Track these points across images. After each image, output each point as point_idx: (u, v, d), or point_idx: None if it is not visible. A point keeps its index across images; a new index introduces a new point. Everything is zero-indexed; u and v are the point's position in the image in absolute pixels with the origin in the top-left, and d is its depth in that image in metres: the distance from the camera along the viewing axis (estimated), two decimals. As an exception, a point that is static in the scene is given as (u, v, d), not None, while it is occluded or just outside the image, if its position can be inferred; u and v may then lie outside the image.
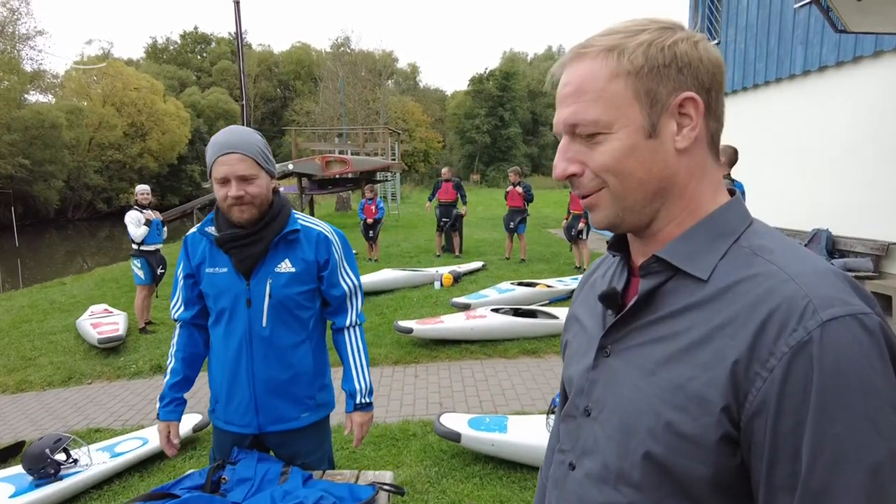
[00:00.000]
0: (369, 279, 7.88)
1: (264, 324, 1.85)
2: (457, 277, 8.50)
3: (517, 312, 6.20)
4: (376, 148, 19.70)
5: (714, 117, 0.73)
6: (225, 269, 1.86)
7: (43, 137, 27.42)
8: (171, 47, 56.71)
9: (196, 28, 58.26)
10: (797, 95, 8.17)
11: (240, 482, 1.81)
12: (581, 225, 9.33)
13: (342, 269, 1.98)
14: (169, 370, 1.98)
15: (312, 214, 17.76)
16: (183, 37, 57.06)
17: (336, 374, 1.96)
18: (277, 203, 1.87)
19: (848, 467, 0.57)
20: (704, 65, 0.70)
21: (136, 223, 6.48)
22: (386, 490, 1.84)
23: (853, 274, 6.26)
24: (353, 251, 2.07)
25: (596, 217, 0.76)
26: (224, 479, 1.83)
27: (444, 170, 11.19)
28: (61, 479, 3.14)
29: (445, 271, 8.59)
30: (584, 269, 9.25)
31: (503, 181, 43.16)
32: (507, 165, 50.20)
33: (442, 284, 8.20)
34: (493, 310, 6.12)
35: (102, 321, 6.55)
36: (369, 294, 7.66)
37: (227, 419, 1.94)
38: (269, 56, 54.71)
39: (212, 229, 1.87)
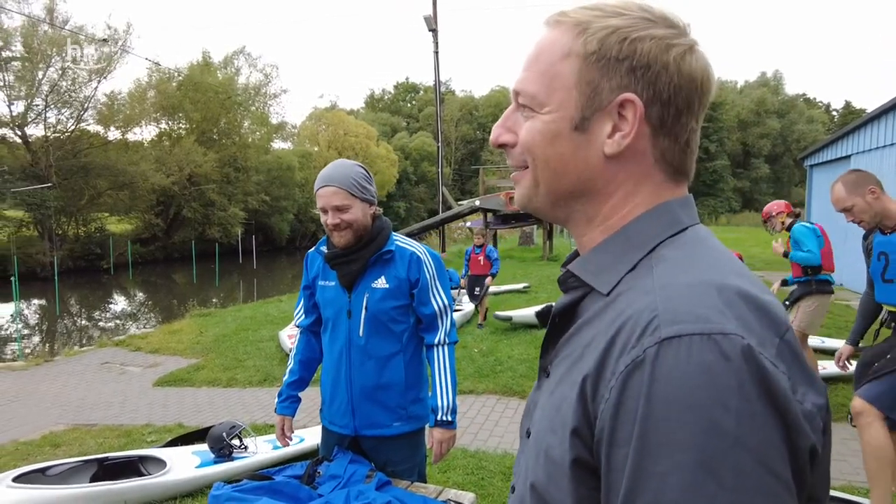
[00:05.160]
0: (532, 311, 7.85)
1: (361, 333, 2.02)
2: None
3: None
4: (562, 184, 19.62)
5: (668, 135, 0.64)
6: (332, 283, 2.09)
7: (281, 178, 32.64)
8: (386, 97, 63.75)
9: (407, 78, 64.78)
10: None
11: (330, 478, 1.98)
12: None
13: (433, 289, 2.08)
14: (288, 370, 2.27)
15: (496, 248, 18.33)
16: (396, 87, 63.84)
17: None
18: (377, 227, 2.06)
19: None
20: (670, 74, 0.61)
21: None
22: (458, 509, 1.86)
23: None
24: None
25: (515, 194, 0.73)
26: (319, 473, 2.02)
27: None
28: (233, 460, 3.69)
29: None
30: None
31: (706, 217, 39.82)
32: (713, 200, 46.79)
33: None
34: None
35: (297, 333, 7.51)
36: (531, 327, 7.62)
37: (330, 419, 2.14)
38: (470, 101, 58.40)
39: (325, 248, 2.12)
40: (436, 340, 2.10)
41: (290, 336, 7.34)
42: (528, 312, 7.86)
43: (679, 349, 0.50)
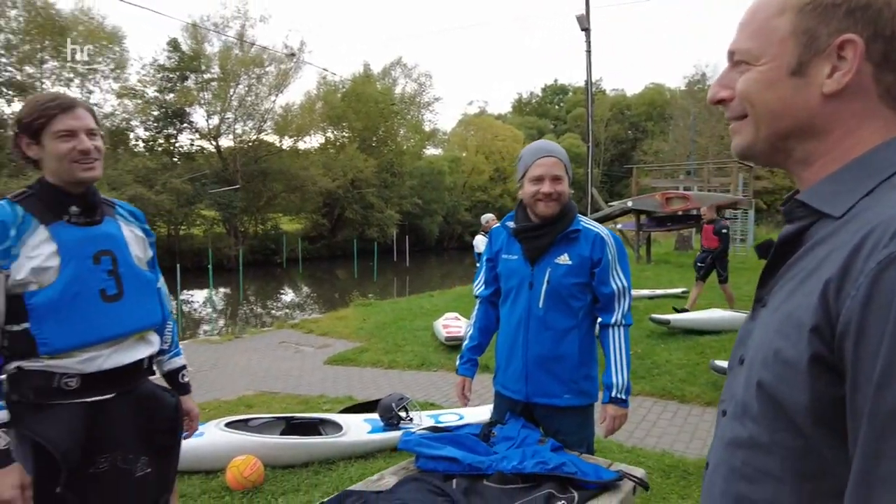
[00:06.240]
0: (692, 316, 7.41)
1: (540, 305, 2.11)
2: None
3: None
4: (725, 184, 18.21)
5: (894, 70, 0.64)
6: (516, 256, 2.21)
7: (432, 182, 34.15)
8: (534, 100, 63.61)
9: (556, 80, 64.07)
10: None
11: (504, 439, 2.09)
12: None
13: (614, 270, 2.11)
14: (468, 336, 2.43)
15: (649, 252, 17.43)
16: (543, 90, 63.46)
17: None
18: (568, 206, 2.15)
19: None
20: (893, 9, 0.63)
21: (482, 246, 7.62)
22: (631, 480, 1.87)
23: None
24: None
25: (733, 143, 0.77)
26: (493, 433, 2.14)
27: (704, 209, 9.75)
28: (400, 429, 3.98)
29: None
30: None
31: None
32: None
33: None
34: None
35: (451, 324, 7.87)
36: (691, 332, 7.20)
37: (504, 384, 2.26)
38: (621, 100, 56.22)
39: (511, 223, 2.25)
40: (612, 321, 2.12)
41: (444, 326, 7.70)
42: (686, 317, 7.44)
43: None
